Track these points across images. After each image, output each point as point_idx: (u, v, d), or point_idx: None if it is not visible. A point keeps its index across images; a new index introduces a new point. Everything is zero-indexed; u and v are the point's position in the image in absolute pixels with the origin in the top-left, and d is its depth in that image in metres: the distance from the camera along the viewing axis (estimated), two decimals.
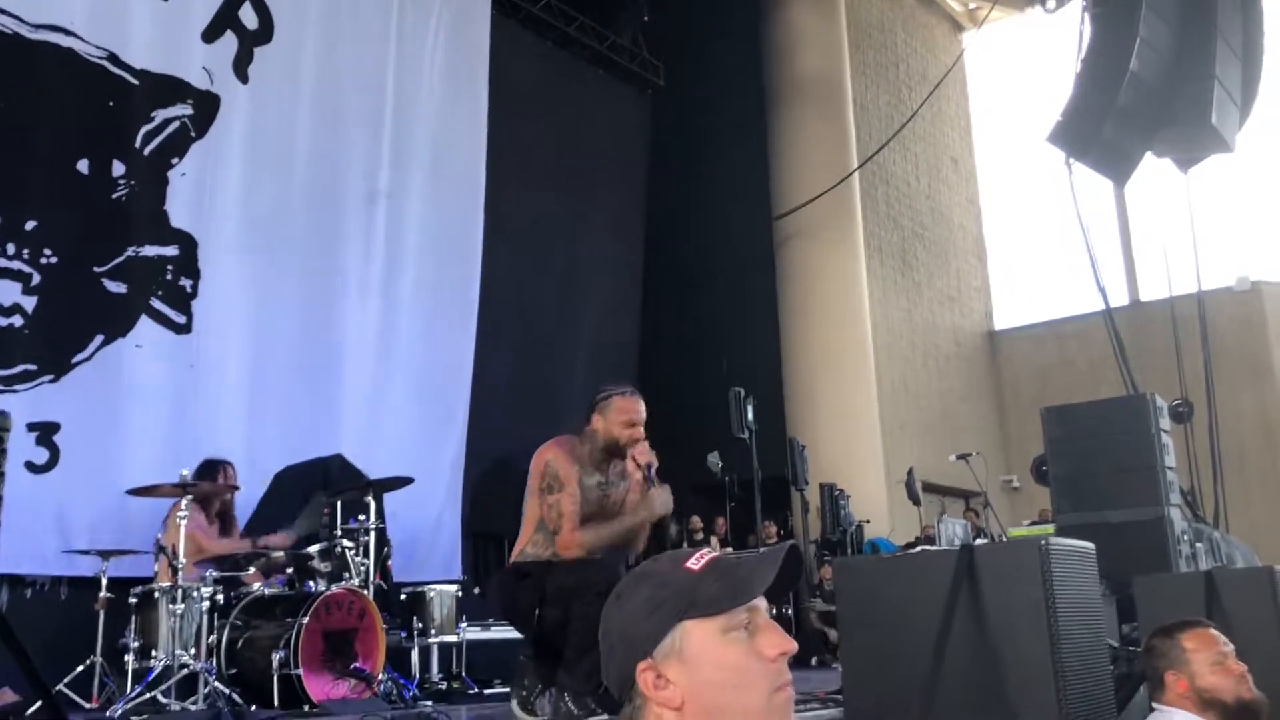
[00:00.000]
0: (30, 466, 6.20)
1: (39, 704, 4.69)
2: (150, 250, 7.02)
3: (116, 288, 6.85)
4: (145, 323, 6.95)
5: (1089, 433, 6.75)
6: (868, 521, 10.93)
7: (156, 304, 7.03)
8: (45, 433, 6.32)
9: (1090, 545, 2.36)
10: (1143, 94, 7.54)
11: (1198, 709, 2.75)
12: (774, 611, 1.31)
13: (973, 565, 2.17)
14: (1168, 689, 2.78)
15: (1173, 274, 10.50)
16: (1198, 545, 6.91)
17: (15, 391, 6.19)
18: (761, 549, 1.50)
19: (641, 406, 3.98)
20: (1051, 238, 15.91)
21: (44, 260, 6.51)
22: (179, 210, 7.20)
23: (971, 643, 2.16)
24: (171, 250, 7.12)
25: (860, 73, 14.19)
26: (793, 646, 1.28)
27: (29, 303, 6.42)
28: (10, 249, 6.36)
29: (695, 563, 1.30)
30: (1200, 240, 9.41)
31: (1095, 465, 6.62)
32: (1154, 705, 2.82)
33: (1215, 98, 7.10)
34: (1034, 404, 7.92)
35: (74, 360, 6.58)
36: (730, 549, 9.31)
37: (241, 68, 7.67)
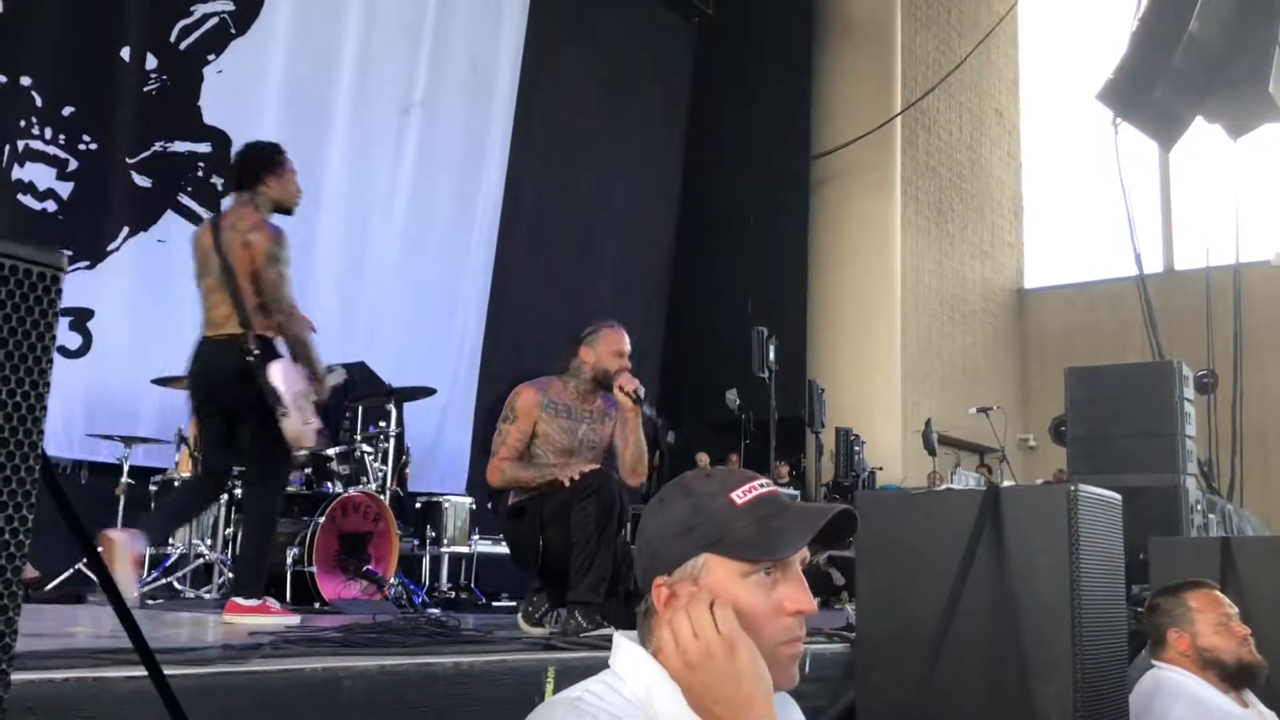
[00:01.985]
0: (64, 351, 6.26)
1: (64, 575, 4.81)
2: (180, 146, 7.01)
3: (143, 181, 6.85)
4: (171, 217, 6.96)
5: (1111, 396, 6.73)
6: (880, 469, 10.94)
7: (185, 199, 7.03)
8: (79, 319, 6.38)
9: (1117, 496, 2.35)
10: (1199, 56, 7.37)
11: (1197, 668, 2.76)
12: None
13: (998, 506, 2.17)
14: (1169, 646, 2.80)
15: (1211, 244, 10.37)
16: (1210, 516, 6.91)
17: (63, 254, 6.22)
18: (799, 500, 1.47)
19: (626, 339, 4.06)
20: (1090, 198, 15.71)
21: (81, 147, 6.50)
22: (213, 107, 7.17)
23: (990, 584, 2.16)
24: (204, 147, 7.11)
25: (911, 15, 13.91)
26: (812, 608, 1.25)
27: (64, 189, 6.43)
28: (48, 133, 6.36)
29: (742, 495, 1.27)
30: (1242, 212, 9.27)
31: (1115, 428, 6.61)
32: (1154, 662, 2.83)
33: (1275, 65, 6.93)
34: (1057, 365, 7.86)
35: (108, 249, 6.62)
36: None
37: None
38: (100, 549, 3.41)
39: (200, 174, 7.11)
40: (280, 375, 3.97)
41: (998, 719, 2.12)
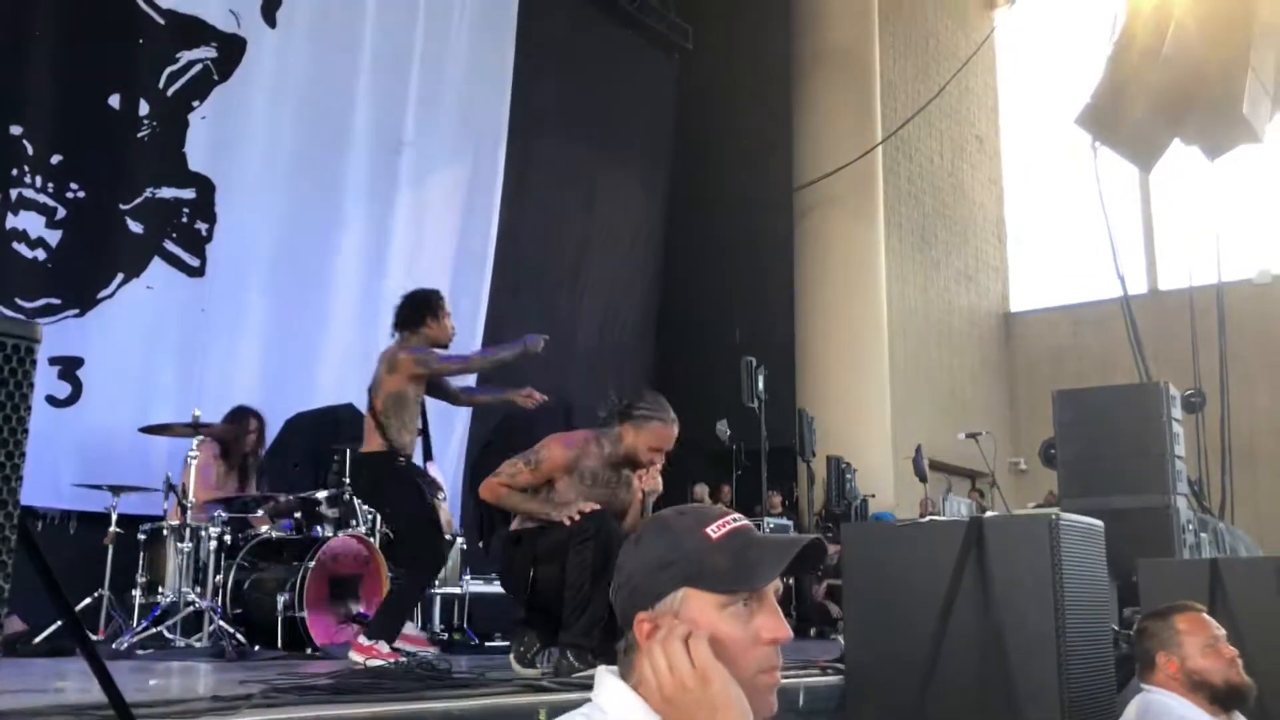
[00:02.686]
0: (51, 400, 6.25)
1: (52, 628, 4.77)
2: (167, 192, 7.03)
3: (136, 227, 6.88)
4: (158, 264, 6.97)
5: (1100, 418, 6.75)
6: (873, 496, 10.94)
7: (170, 246, 7.05)
8: (68, 367, 6.37)
9: (1099, 523, 2.36)
10: (1175, 79, 7.46)
11: (1186, 691, 2.77)
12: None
13: (981, 536, 2.18)
14: (1158, 670, 2.80)
15: (1193, 264, 10.44)
16: (1202, 535, 6.92)
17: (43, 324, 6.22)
18: (772, 524, 1.51)
19: (674, 436, 3.99)
20: (1073, 222, 15.82)
21: (69, 195, 6.53)
22: (197, 153, 7.20)
23: (976, 613, 2.17)
24: (188, 193, 7.13)
25: (889, 45, 14.05)
26: (787, 634, 1.30)
27: (53, 237, 6.45)
28: (37, 181, 6.38)
29: (716, 529, 1.31)
30: (1222, 231, 9.36)
31: (1104, 450, 6.62)
32: (1142, 686, 2.84)
33: (1248, 87, 7.01)
34: (1045, 388, 7.89)
35: (99, 296, 6.63)
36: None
37: (270, 12, 7.64)
38: None
39: (185, 219, 7.13)
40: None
41: None
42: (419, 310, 4.79)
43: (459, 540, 6.60)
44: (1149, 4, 7.28)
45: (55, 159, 6.47)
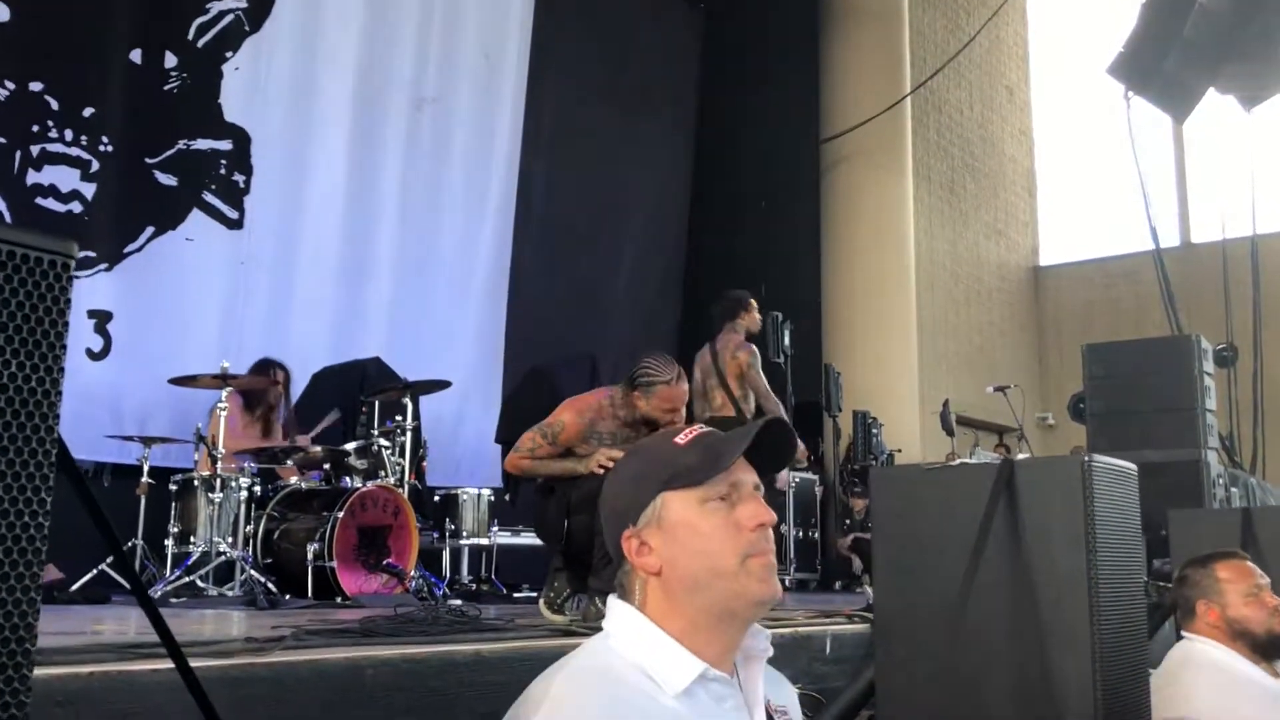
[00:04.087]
0: (89, 353, 6.32)
1: (88, 575, 4.86)
2: (202, 143, 7.05)
3: (167, 180, 6.90)
4: (197, 215, 7.01)
5: (1130, 371, 6.70)
6: (899, 450, 10.91)
7: (209, 197, 7.08)
8: (100, 321, 6.43)
9: (1132, 466, 2.34)
10: (1210, 27, 7.33)
11: (1227, 639, 2.76)
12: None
13: (1013, 479, 2.17)
14: (1199, 618, 2.79)
15: (1227, 216, 10.29)
16: (1233, 489, 6.88)
17: (77, 278, 6.25)
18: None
19: (685, 393, 4.03)
20: (1104, 174, 15.60)
21: (101, 148, 6.55)
22: (233, 104, 7.22)
23: (1007, 557, 2.16)
24: (225, 144, 7.15)
25: None
26: (771, 517, 1.33)
27: (88, 189, 6.49)
28: (69, 135, 6.40)
29: (683, 438, 1.37)
30: (1258, 182, 9.20)
31: (1134, 404, 6.58)
32: (1182, 634, 2.83)
33: None
34: (1075, 342, 7.83)
35: (125, 250, 6.67)
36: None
37: None
38: None
39: (223, 171, 7.16)
40: None
41: (1018, 692, 2.13)
42: (736, 307, 6.54)
43: (485, 492, 6.65)
44: None
45: (87, 111, 6.49)
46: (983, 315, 15.34)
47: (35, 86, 6.34)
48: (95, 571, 4.91)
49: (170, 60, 6.93)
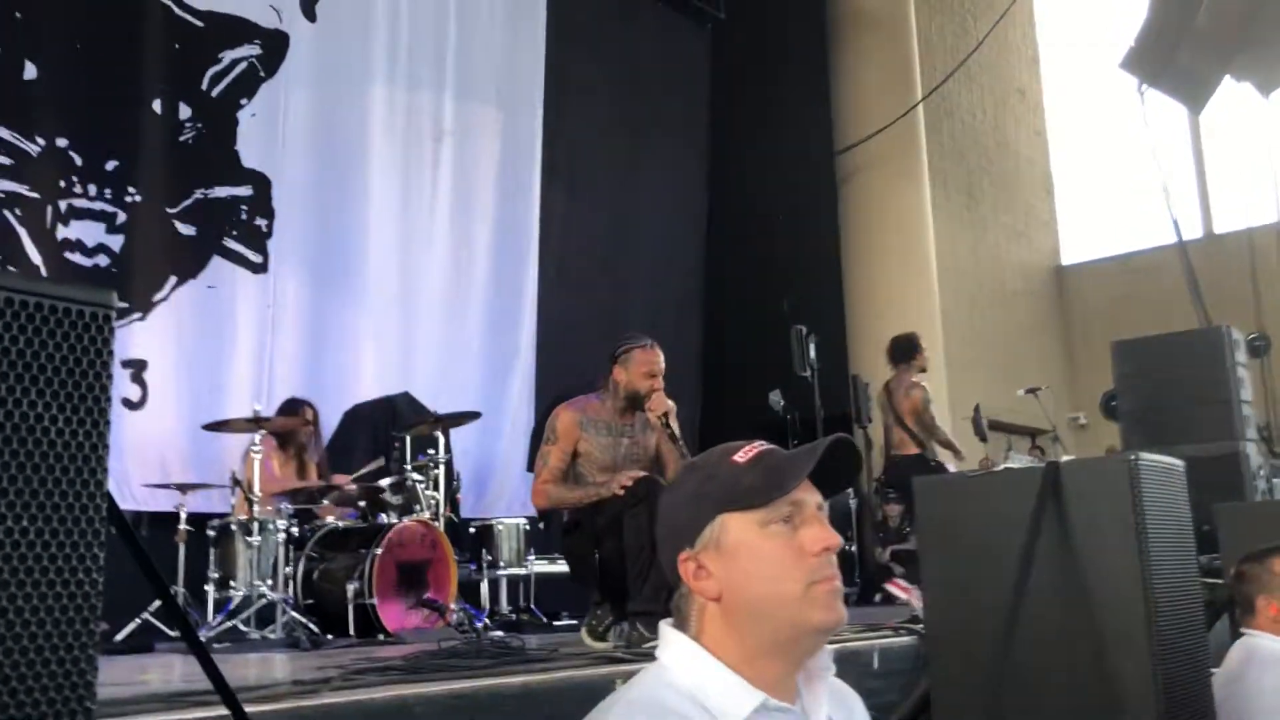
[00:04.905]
0: (127, 403, 6.38)
1: (132, 625, 4.87)
2: (221, 191, 7.12)
3: (187, 230, 6.97)
4: (218, 262, 7.07)
5: (1161, 367, 6.62)
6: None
7: (231, 243, 7.14)
8: (137, 370, 6.49)
9: (1179, 463, 2.31)
10: (1222, 15, 7.28)
11: None
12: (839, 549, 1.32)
13: (1058, 483, 2.13)
14: (1258, 613, 2.75)
15: (1249, 204, 10.20)
16: (1274, 481, 6.78)
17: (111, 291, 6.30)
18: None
19: (660, 358, 4.14)
20: (1122, 169, 15.51)
21: (127, 199, 6.63)
22: (250, 150, 7.29)
23: (1057, 562, 2.13)
24: (244, 190, 7.22)
25: (924, 2, 13.82)
26: (836, 541, 1.27)
27: (115, 241, 6.57)
28: (92, 189, 6.48)
29: (743, 455, 1.31)
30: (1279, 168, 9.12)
31: (1167, 399, 6.50)
32: (1242, 630, 2.78)
33: None
34: (1103, 340, 7.75)
35: (154, 300, 6.74)
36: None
37: (309, 6, 7.70)
38: None
39: (244, 217, 7.23)
40: None
41: (1076, 697, 2.09)
42: (908, 349, 7.10)
43: (520, 521, 6.64)
44: None
45: (110, 165, 6.57)
46: (1008, 318, 15.24)
47: (61, 142, 6.43)
48: (139, 620, 4.93)
49: (185, 111, 7.02)
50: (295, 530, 5.45)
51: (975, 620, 2.25)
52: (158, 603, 4.50)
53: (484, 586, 6.44)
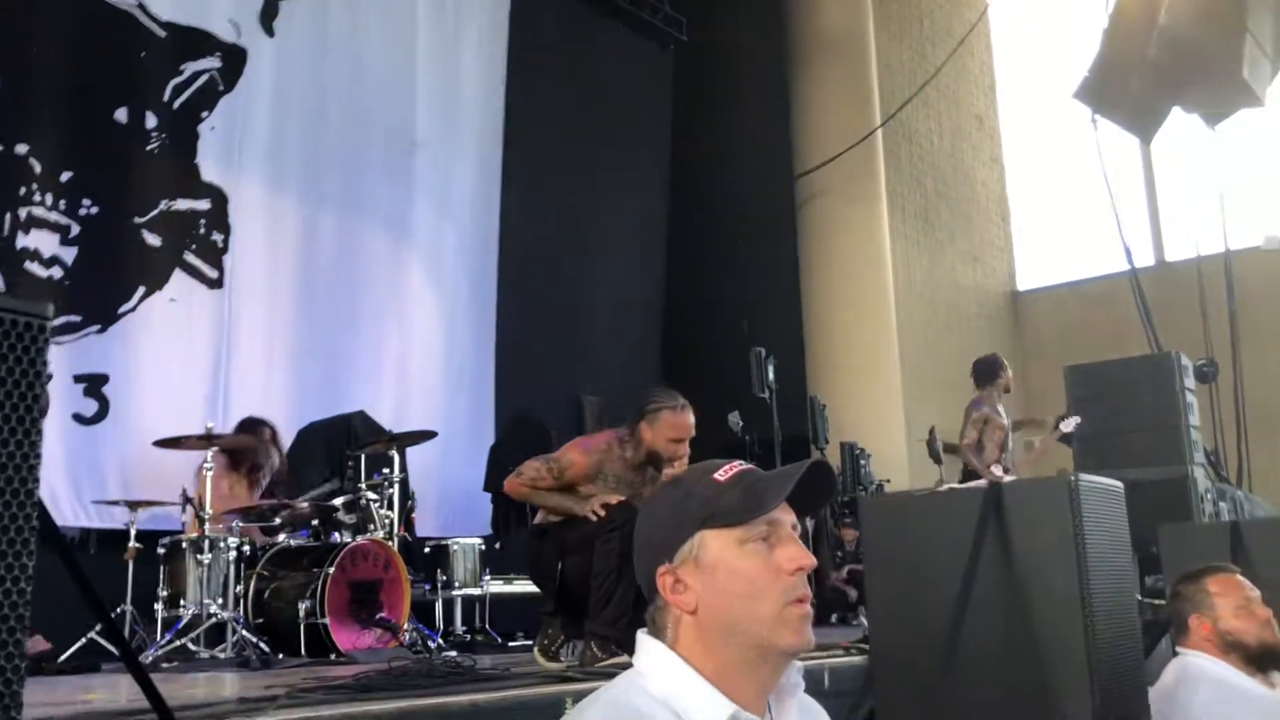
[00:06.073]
0: (79, 418, 6.27)
1: (77, 645, 4.79)
2: (182, 204, 7.07)
3: (153, 240, 6.90)
4: (179, 276, 7.01)
5: (1113, 391, 6.73)
6: (888, 480, 10.92)
7: (190, 258, 7.08)
8: (94, 384, 6.38)
9: (1119, 484, 2.36)
10: (1172, 48, 7.42)
11: (1220, 652, 2.76)
12: None
13: (1000, 502, 2.17)
14: (1192, 632, 2.80)
15: (1199, 233, 10.39)
16: (1221, 504, 6.89)
17: (59, 343, 6.23)
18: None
19: (691, 421, 4.00)
20: (1076, 197, 15.75)
21: (82, 211, 6.54)
22: (209, 164, 7.24)
23: (999, 581, 2.16)
24: (203, 204, 7.16)
25: (884, 28, 13.99)
26: (811, 561, 1.30)
27: (68, 254, 6.48)
28: (49, 199, 6.40)
29: (723, 474, 1.34)
30: (1227, 198, 9.30)
31: (1119, 424, 6.61)
32: (1177, 650, 2.83)
33: (1247, 50, 6.98)
34: (1056, 365, 7.85)
35: (120, 311, 6.64)
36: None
37: (268, 21, 7.66)
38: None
39: (203, 231, 7.16)
40: None
41: (1016, 714, 2.12)
42: (991, 371, 7.44)
43: (476, 541, 6.61)
44: None
45: (65, 176, 6.49)
46: (964, 342, 15.39)
47: (21, 149, 6.34)
48: (84, 640, 4.85)
49: (151, 120, 6.96)
50: (247, 549, 5.39)
51: (918, 638, 2.27)
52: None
53: (438, 606, 6.39)
